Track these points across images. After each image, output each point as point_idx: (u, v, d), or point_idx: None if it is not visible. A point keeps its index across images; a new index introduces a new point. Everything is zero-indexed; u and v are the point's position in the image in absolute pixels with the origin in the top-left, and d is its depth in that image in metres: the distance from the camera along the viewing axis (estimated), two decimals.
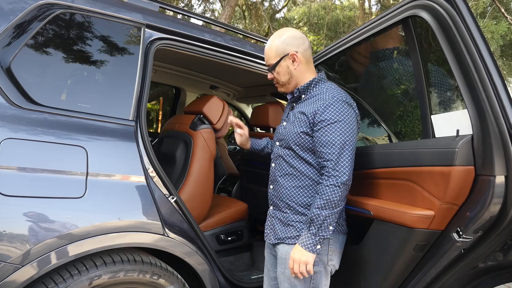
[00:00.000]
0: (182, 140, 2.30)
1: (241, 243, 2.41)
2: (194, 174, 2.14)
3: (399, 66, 1.84)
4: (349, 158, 1.32)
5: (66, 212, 1.27)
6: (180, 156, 2.26)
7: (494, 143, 1.13)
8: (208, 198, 2.21)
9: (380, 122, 2.12)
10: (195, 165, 2.15)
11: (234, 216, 2.41)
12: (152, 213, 1.48)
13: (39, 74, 1.37)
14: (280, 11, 12.98)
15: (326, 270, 1.42)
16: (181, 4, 11.02)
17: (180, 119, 2.46)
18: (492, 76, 1.15)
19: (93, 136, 1.39)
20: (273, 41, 1.48)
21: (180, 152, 2.27)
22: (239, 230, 2.41)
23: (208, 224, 2.26)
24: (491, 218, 1.19)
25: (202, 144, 2.19)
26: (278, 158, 1.51)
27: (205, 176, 2.19)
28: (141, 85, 1.57)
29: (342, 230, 1.47)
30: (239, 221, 2.43)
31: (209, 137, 2.23)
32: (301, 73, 1.48)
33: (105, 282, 1.36)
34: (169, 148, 2.37)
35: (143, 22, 1.65)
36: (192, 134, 2.22)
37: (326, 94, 1.40)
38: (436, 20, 1.29)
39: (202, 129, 2.23)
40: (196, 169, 2.15)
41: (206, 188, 2.18)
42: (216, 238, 2.28)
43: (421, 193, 1.32)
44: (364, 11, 11.48)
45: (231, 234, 2.35)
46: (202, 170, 2.17)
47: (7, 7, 1.32)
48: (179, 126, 2.39)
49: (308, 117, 1.38)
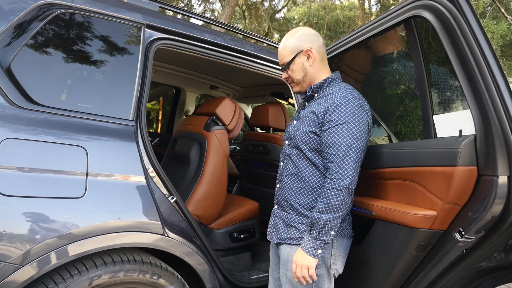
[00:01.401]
0: (196, 141, 2.34)
1: (253, 240, 2.47)
2: (209, 174, 2.19)
3: (401, 67, 1.84)
4: (354, 162, 1.27)
5: (66, 212, 1.26)
6: (194, 156, 2.31)
7: (497, 143, 1.13)
8: (222, 197, 2.26)
9: (380, 122, 2.11)
10: (209, 165, 2.20)
11: (246, 215, 2.46)
12: (152, 213, 1.48)
13: (39, 74, 1.37)
14: (280, 11, 12.99)
15: (329, 274, 1.40)
16: (181, 4, 11.02)
17: (193, 121, 2.50)
18: (495, 76, 1.14)
19: (93, 136, 1.39)
20: (287, 40, 1.46)
21: (194, 152, 2.32)
22: (251, 228, 2.47)
23: (221, 222, 2.31)
24: (493, 218, 1.18)
25: (216, 144, 2.24)
26: (286, 157, 1.50)
27: (220, 176, 2.24)
28: (141, 85, 1.57)
29: (346, 234, 1.43)
30: (251, 219, 2.50)
31: (222, 137, 2.28)
32: (316, 71, 1.45)
33: (105, 282, 1.35)
34: (183, 149, 2.42)
35: (143, 22, 1.64)
36: (206, 135, 2.27)
37: (338, 94, 1.36)
38: (439, 20, 1.28)
39: (216, 130, 2.28)
40: (210, 169, 2.20)
41: (220, 187, 2.24)
42: (229, 235, 2.33)
43: (423, 193, 1.31)
44: (364, 11, 11.49)
45: (243, 232, 2.41)
46: (216, 169, 2.22)
47: (7, 7, 1.31)
48: (193, 127, 2.44)
49: (318, 116, 1.35)
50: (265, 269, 2.31)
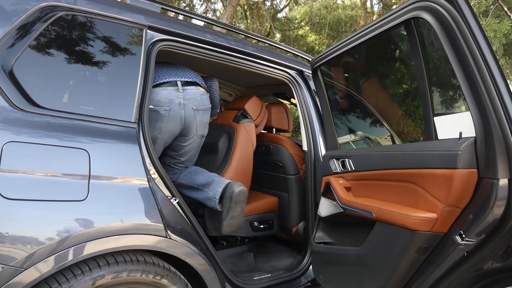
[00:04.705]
0: (225, 131, 2.45)
1: (271, 232, 2.55)
2: (236, 162, 2.29)
3: (402, 68, 1.84)
4: None
5: (68, 214, 1.26)
6: (222, 146, 2.42)
7: (497, 146, 1.13)
8: (246, 185, 2.34)
9: (383, 122, 2.11)
10: (236, 153, 2.30)
11: (266, 206, 2.57)
12: (155, 215, 1.48)
13: (41, 76, 1.37)
14: (282, 10, 12.97)
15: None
16: (182, 4, 11.02)
17: (222, 114, 2.65)
18: (495, 78, 1.14)
19: (95, 138, 1.39)
20: None
21: (222, 142, 2.43)
22: (271, 220, 2.55)
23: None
24: (494, 221, 1.18)
25: (245, 135, 2.35)
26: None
27: (246, 165, 2.35)
28: (143, 87, 1.57)
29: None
30: (271, 212, 2.58)
31: (251, 130, 2.41)
32: None
33: (108, 282, 1.36)
34: (212, 139, 2.49)
35: (145, 24, 1.65)
36: (235, 126, 2.38)
37: None
38: (438, 21, 1.28)
39: (245, 122, 2.40)
40: (237, 158, 2.30)
41: (245, 176, 2.34)
42: (250, 224, 2.42)
43: (424, 196, 1.32)
44: (366, 10, 11.45)
45: (263, 222, 2.50)
46: (243, 159, 2.32)
47: (9, 8, 1.32)
48: (222, 120, 2.56)
49: None
50: (268, 270, 2.31)
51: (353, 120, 2.37)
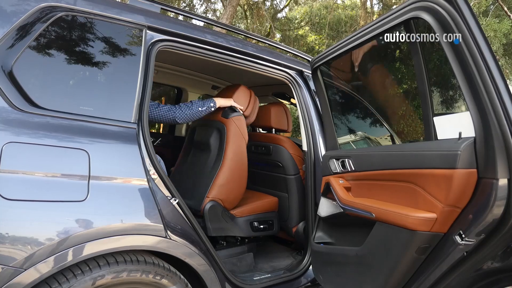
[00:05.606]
0: (215, 128, 2.40)
1: (271, 232, 2.54)
2: (230, 159, 2.25)
3: (401, 68, 1.84)
4: None
5: (68, 215, 1.27)
6: (214, 143, 2.38)
7: (497, 146, 1.12)
8: (243, 182, 2.34)
9: (383, 122, 2.11)
10: (229, 150, 2.26)
11: (266, 206, 2.56)
12: (154, 216, 1.48)
13: (41, 77, 1.37)
14: (282, 10, 12.98)
15: None
16: (182, 4, 11.02)
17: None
18: (495, 78, 1.14)
19: (95, 139, 1.39)
20: None
21: (214, 139, 2.38)
22: (270, 220, 2.55)
23: (243, 211, 2.39)
24: (493, 221, 1.18)
25: (235, 130, 2.30)
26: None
27: (240, 160, 2.31)
28: (142, 87, 1.57)
29: None
30: (271, 212, 2.58)
31: (241, 123, 2.36)
32: None
33: (108, 282, 1.36)
34: (203, 137, 2.47)
35: (144, 24, 1.65)
36: (225, 122, 2.33)
37: None
38: (438, 22, 1.28)
39: (234, 116, 2.34)
40: (231, 154, 2.26)
41: (241, 171, 2.32)
42: (250, 224, 2.41)
43: (423, 196, 1.32)
44: (366, 10, 11.45)
45: (263, 222, 2.49)
46: (237, 154, 2.29)
47: (9, 9, 1.32)
48: (211, 116, 2.50)
49: None
50: (268, 270, 2.32)
51: (353, 120, 2.37)
